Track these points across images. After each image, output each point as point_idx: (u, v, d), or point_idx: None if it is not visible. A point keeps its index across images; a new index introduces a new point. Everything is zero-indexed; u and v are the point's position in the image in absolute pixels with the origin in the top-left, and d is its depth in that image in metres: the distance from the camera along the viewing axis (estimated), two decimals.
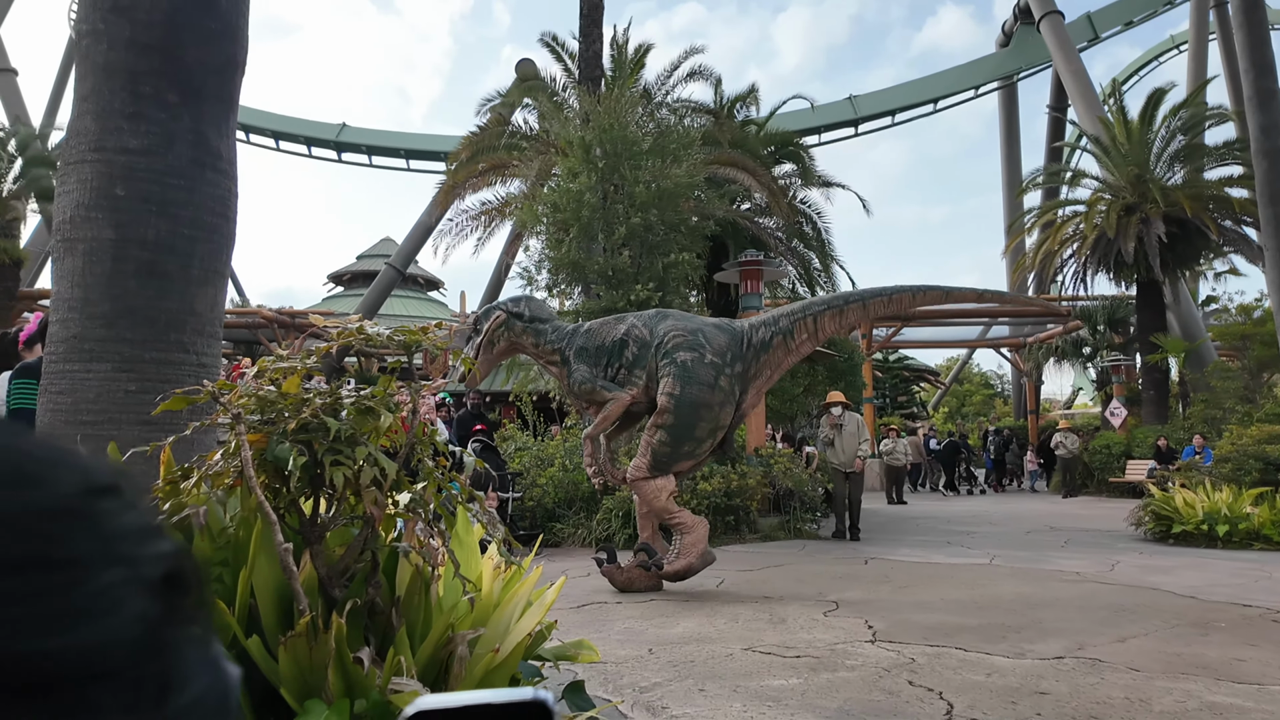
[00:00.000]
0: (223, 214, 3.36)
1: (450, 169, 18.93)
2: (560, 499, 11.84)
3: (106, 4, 3.19)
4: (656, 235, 13.85)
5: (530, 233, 15.51)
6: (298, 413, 2.18)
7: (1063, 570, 8.52)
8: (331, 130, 40.37)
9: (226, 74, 3.41)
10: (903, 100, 36.86)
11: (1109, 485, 19.73)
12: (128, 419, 3.04)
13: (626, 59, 16.51)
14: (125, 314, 3.10)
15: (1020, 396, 34.36)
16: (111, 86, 3.18)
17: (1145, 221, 19.74)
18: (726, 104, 18.46)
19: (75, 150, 3.20)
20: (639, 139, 14.10)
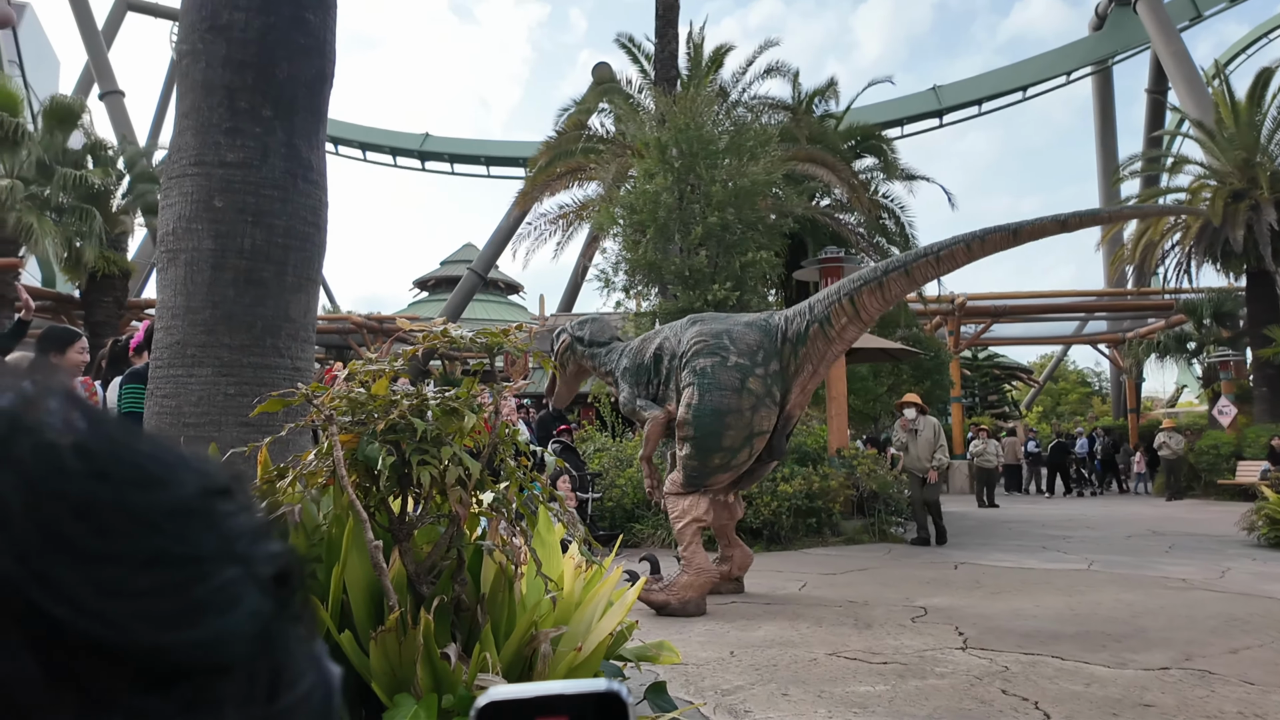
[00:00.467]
0: (314, 223, 3.50)
1: (529, 174, 19.22)
2: (639, 500, 11.88)
3: (204, 24, 3.36)
4: (733, 234, 13.75)
5: (607, 235, 15.63)
6: (386, 414, 2.25)
7: (1168, 577, 8.10)
8: (415, 140, 41.52)
9: (316, 87, 3.54)
10: (989, 89, 35.66)
11: (1217, 487, 18.67)
12: (228, 420, 3.20)
13: (703, 58, 16.47)
14: (224, 320, 3.26)
15: (1119, 395, 32.84)
16: (210, 103, 3.34)
17: (1255, 209, 18.63)
18: (804, 99, 18.20)
19: (177, 165, 3.38)
20: (715, 138, 14.05)
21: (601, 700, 0.37)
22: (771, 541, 10.75)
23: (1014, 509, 17.78)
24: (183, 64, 3.41)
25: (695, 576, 6.75)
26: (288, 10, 3.41)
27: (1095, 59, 35.13)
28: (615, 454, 13.20)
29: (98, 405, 2.65)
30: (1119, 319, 28.82)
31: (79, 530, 0.26)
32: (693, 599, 6.72)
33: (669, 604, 6.69)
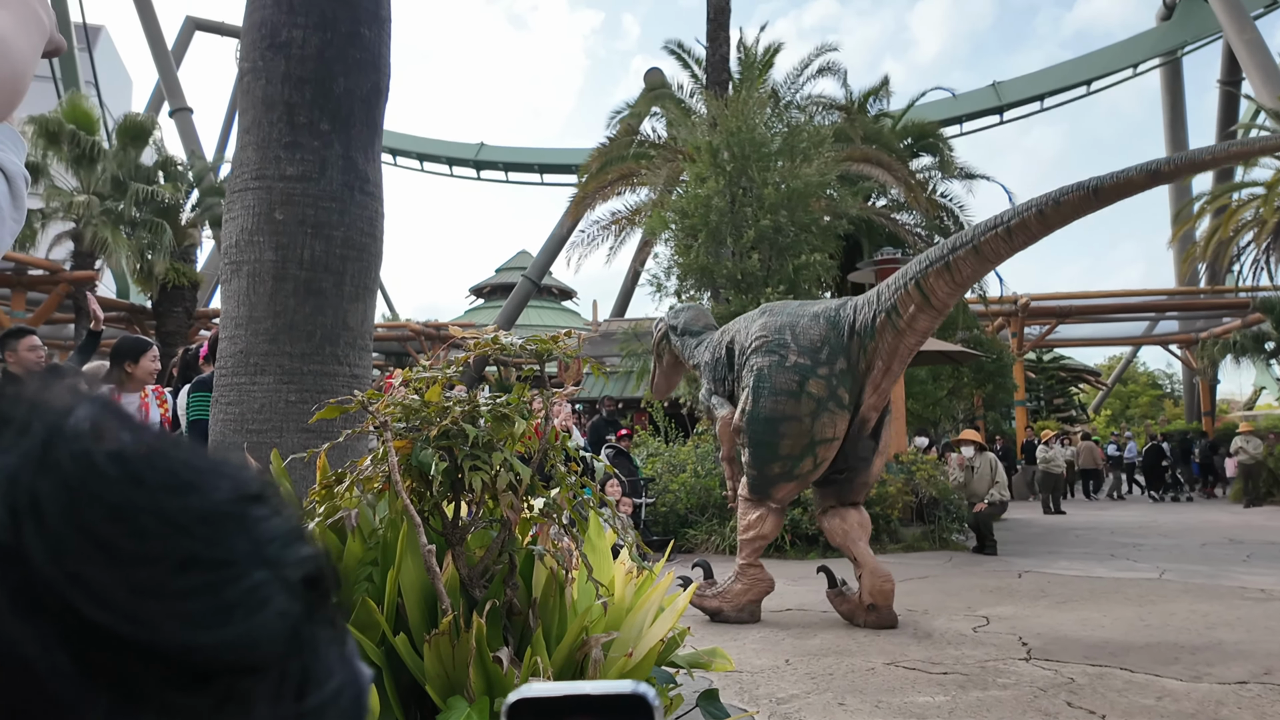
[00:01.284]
0: (371, 233, 3.59)
1: (581, 180, 19.37)
2: (693, 505, 11.86)
3: (265, 42, 3.48)
4: (786, 237, 13.66)
5: (659, 239, 15.66)
6: (439, 420, 2.30)
7: (1246, 587, 7.77)
8: (471, 150, 42.18)
9: (373, 101, 3.64)
10: (1052, 84, 34.73)
11: None
12: (289, 426, 3.29)
13: (755, 60, 16.39)
14: (286, 329, 3.36)
15: (1193, 397, 31.67)
16: (270, 118, 3.45)
17: None
18: (858, 99, 18.01)
19: (239, 179, 3.50)
20: (767, 140, 13.98)
21: (629, 702, 0.37)
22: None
23: (1081, 515, 17.25)
24: (244, 81, 3.53)
25: (750, 584, 6.53)
26: (344, 26, 3.50)
27: (1164, 50, 33.97)
28: (668, 459, 13.20)
29: (168, 413, 2.76)
30: (1191, 319, 27.78)
31: (115, 533, 0.27)
32: (746, 605, 6.51)
33: (722, 610, 6.51)
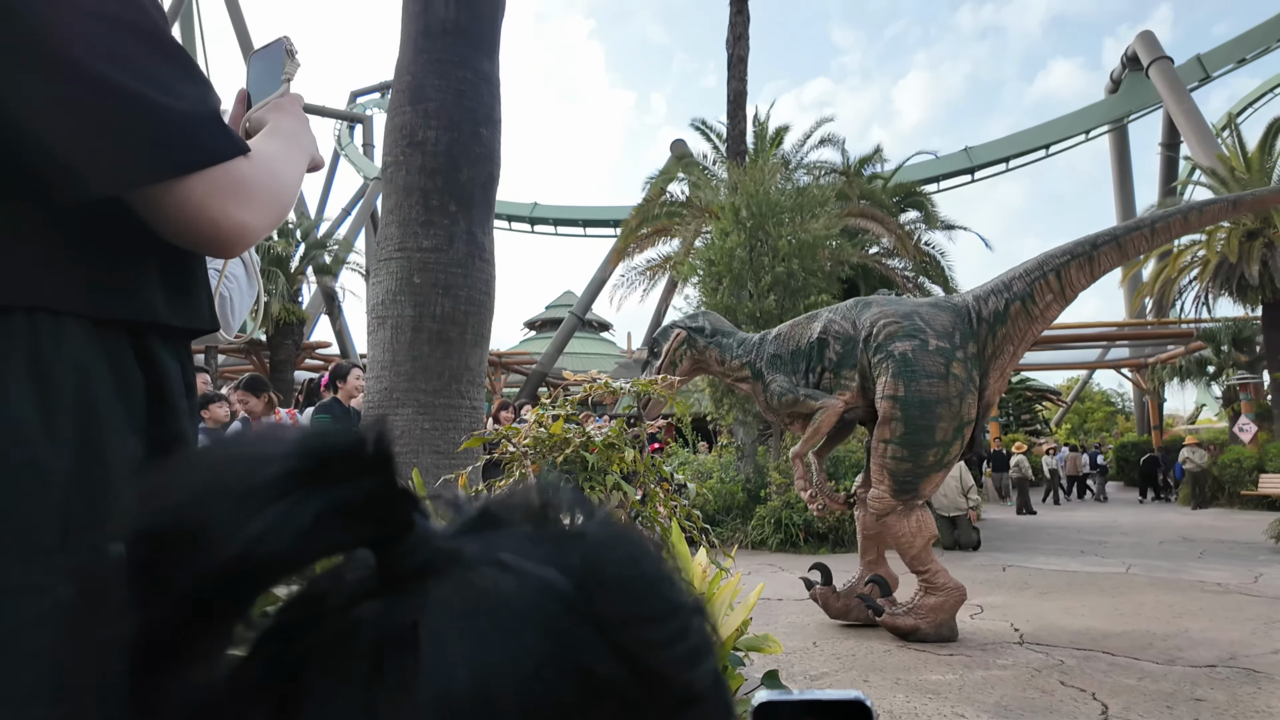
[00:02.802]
0: (486, 293, 3.73)
1: (621, 234, 19.59)
2: (719, 507, 11.86)
3: (405, 141, 3.65)
4: (797, 281, 13.69)
5: (687, 283, 15.76)
6: (563, 450, 2.40)
7: (1204, 581, 7.62)
8: (526, 209, 42.78)
9: (489, 186, 3.80)
10: (1015, 148, 34.57)
11: (1241, 498, 17.42)
12: (425, 450, 3.42)
13: (767, 135, 16.56)
14: (421, 371, 3.50)
15: (1143, 414, 31.06)
16: (409, 202, 3.62)
17: (1269, 246, 17.51)
18: (854, 164, 18.08)
19: (385, 250, 3.66)
20: (780, 200, 14.07)
21: (853, 707, 0.39)
22: (837, 544, 10.58)
23: (1050, 516, 16.95)
24: (387, 171, 3.71)
25: (944, 596, 5.31)
26: (468, 128, 3.67)
27: (1112, 118, 33.72)
28: (696, 467, 13.23)
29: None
30: (1141, 346, 27.35)
31: (643, 607, 0.32)
32: (944, 620, 5.32)
33: (918, 628, 5.29)
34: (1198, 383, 25.18)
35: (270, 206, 0.88)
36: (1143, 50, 29.42)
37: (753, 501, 11.76)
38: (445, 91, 3.67)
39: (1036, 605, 6.51)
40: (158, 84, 0.75)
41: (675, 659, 0.32)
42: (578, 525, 0.35)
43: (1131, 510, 18.74)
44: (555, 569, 0.31)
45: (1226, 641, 5.10)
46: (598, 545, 0.33)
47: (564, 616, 0.30)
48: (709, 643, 0.35)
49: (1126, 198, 35.22)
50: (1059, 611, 6.20)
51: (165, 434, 0.84)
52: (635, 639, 0.31)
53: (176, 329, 0.89)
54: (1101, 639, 5.23)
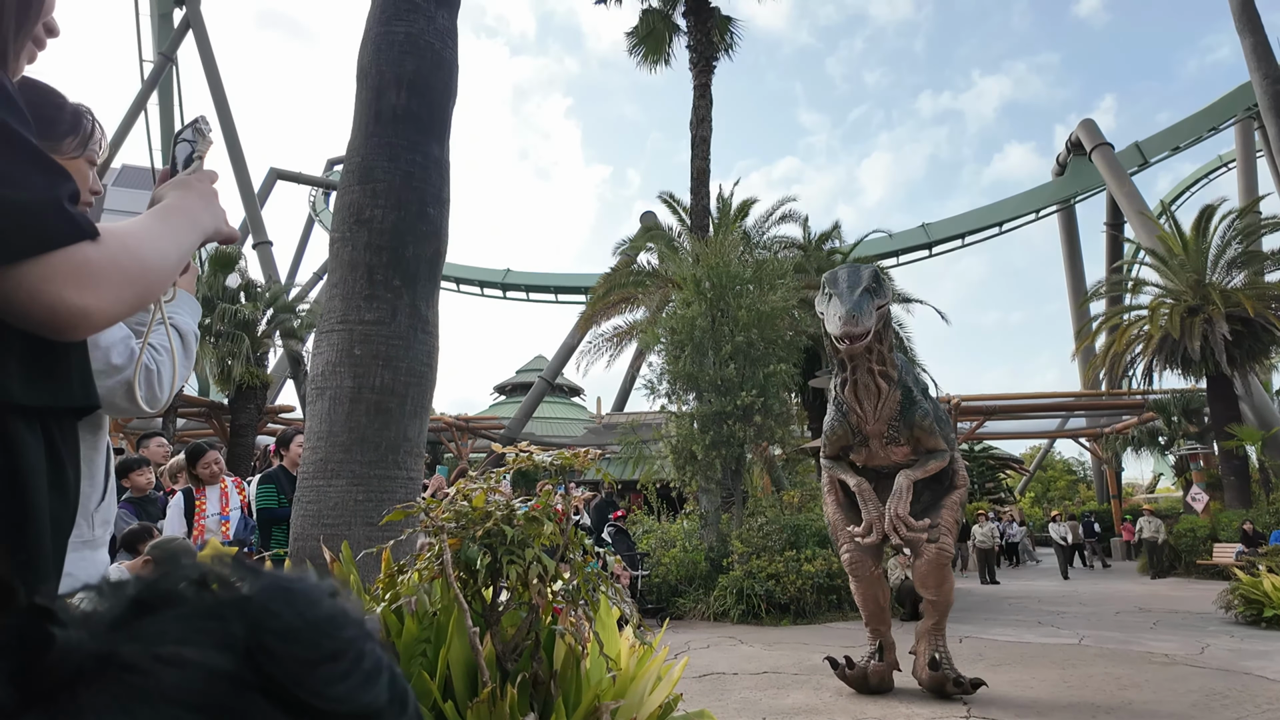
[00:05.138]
0: (428, 364, 3.79)
1: (589, 300, 19.86)
2: (682, 576, 11.71)
3: (352, 219, 3.77)
4: (757, 350, 13.94)
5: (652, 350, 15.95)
6: (484, 523, 2.43)
7: (1153, 652, 7.67)
8: (499, 275, 43.23)
9: (434, 262, 3.91)
10: (970, 225, 36.06)
11: (1196, 567, 17.64)
12: (357, 522, 3.40)
13: (731, 210, 17.11)
14: (358, 442, 3.51)
15: (1102, 482, 31.57)
16: (354, 276, 3.71)
17: (1209, 322, 18.27)
18: (814, 240, 18.69)
19: (326, 323, 3.72)
20: (741, 273, 14.45)
21: None
22: (798, 616, 10.46)
23: (1013, 585, 16.96)
24: (334, 247, 3.81)
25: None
26: (415, 207, 3.81)
27: (1060, 199, 35.44)
28: (660, 535, 13.10)
29: (246, 499, 2.90)
30: (1096, 416, 28.03)
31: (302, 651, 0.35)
32: None
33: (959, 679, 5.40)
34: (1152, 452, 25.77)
35: (122, 288, 0.89)
36: (1085, 137, 31.19)
37: (715, 571, 11.64)
38: (394, 173, 3.82)
39: (988, 677, 6.48)
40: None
41: (349, 690, 0.35)
42: (241, 588, 0.37)
43: (1092, 579, 18.84)
44: (217, 646, 0.34)
45: (1166, 714, 5.13)
46: (261, 607, 0.36)
47: (229, 694, 0.33)
48: (380, 662, 0.38)
49: (1076, 273, 36.70)
50: (1009, 684, 6.19)
51: (14, 510, 0.86)
52: (306, 687, 0.33)
53: (43, 408, 0.92)
54: (1047, 712, 5.23)
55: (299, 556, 3.32)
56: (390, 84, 3.95)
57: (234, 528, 5.31)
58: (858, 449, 5.36)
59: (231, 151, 32.13)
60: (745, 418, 12.95)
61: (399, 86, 3.92)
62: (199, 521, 5.17)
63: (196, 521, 5.17)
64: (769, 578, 10.61)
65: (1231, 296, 18.27)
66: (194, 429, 25.36)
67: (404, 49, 4.03)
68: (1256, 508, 17.72)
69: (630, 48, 18.27)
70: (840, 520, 5.67)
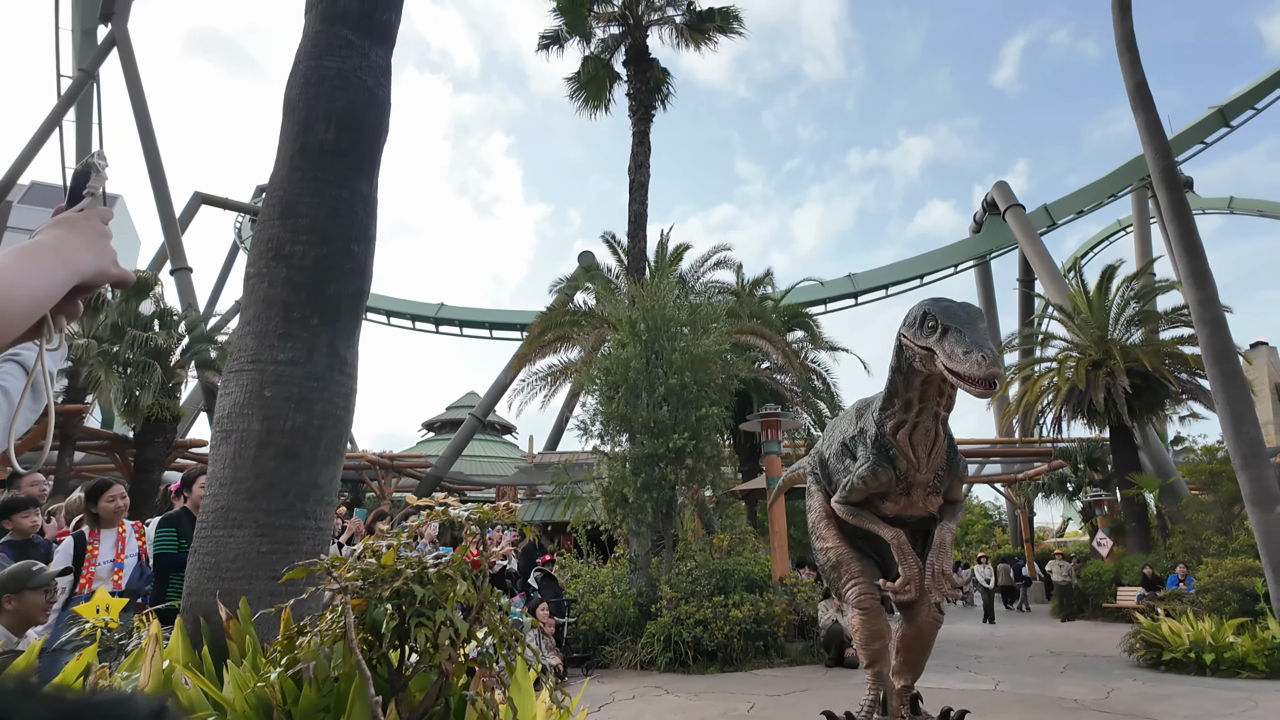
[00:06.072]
0: (345, 407, 3.63)
1: (525, 339, 19.69)
2: (609, 623, 11.48)
3: (270, 254, 3.62)
4: (690, 393, 14.02)
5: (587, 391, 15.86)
6: (392, 582, 2.30)
7: (1063, 697, 7.90)
8: (432, 309, 42.49)
9: (356, 300, 3.77)
10: (894, 277, 37.67)
11: (1103, 610, 18.41)
12: (259, 575, 3.18)
13: (667, 254, 17.37)
14: (265, 489, 3.30)
15: (1016, 526, 32.83)
16: (269, 314, 3.54)
17: (1111, 375, 19.44)
18: (747, 286, 19.11)
19: (236, 362, 3.53)
20: (676, 316, 14.60)
21: None
22: (725, 663, 10.36)
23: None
24: (250, 283, 3.64)
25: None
26: (339, 244, 3.68)
27: (976, 255, 37.45)
28: (589, 580, 12.85)
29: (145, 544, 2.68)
30: (1010, 463, 29.26)
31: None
32: None
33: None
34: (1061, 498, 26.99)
35: None
36: (1000, 197, 33.17)
37: (644, 617, 11.45)
38: (319, 208, 3.69)
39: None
40: None
41: None
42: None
43: (1009, 622, 19.42)
44: None
45: None
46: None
47: None
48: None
49: (992, 325, 38.66)
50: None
51: None
52: None
53: None
54: None
55: (192, 613, 3.07)
56: (319, 118, 3.85)
57: (128, 576, 4.92)
58: (896, 498, 4.92)
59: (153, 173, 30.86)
60: (677, 460, 12.95)
61: (328, 121, 3.82)
62: (88, 569, 4.78)
63: (86, 569, 4.78)
64: (697, 624, 10.51)
65: (1131, 352, 19.50)
66: (94, 464, 23.72)
67: (335, 84, 3.95)
68: (1155, 552, 18.71)
69: (571, 92, 18.54)
70: (849, 556, 5.25)
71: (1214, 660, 9.28)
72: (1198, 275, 11.48)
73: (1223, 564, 11.49)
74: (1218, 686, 8.60)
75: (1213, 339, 11.14)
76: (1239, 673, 9.13)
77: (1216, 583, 10.99)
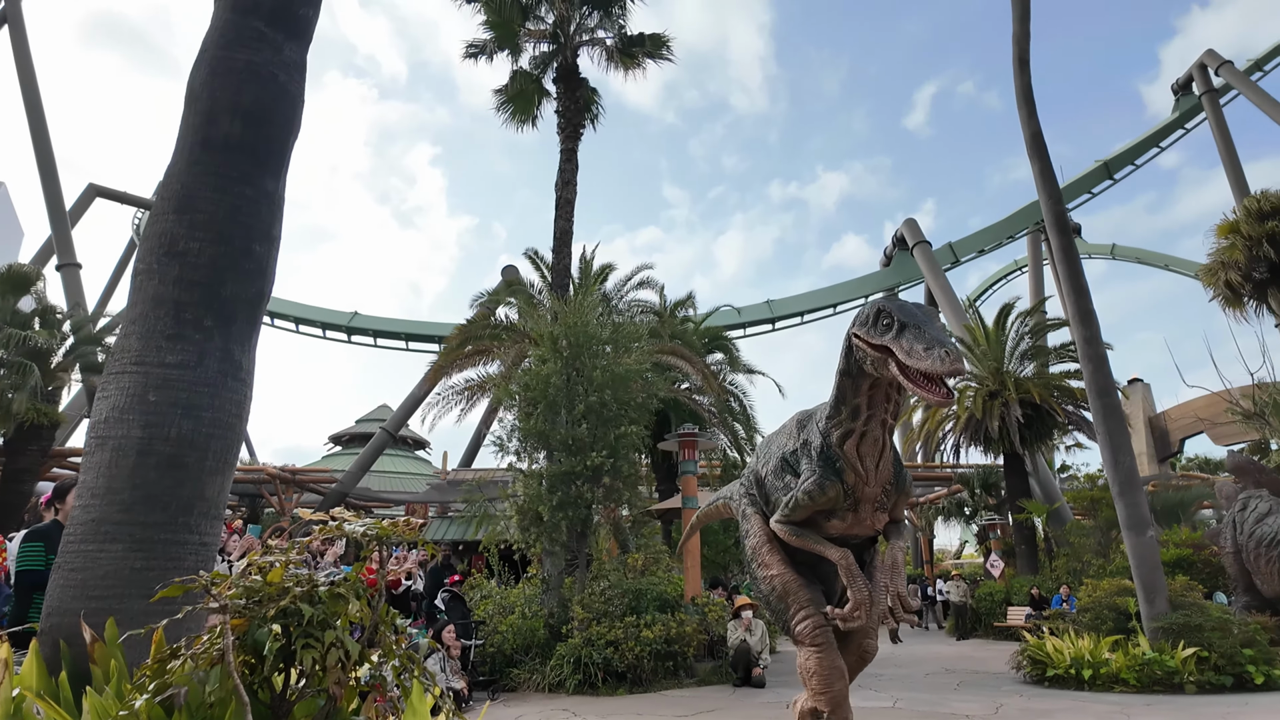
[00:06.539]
0: (238, 414, 3.42)
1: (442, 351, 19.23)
2: (519, 645, 11.23)
3: (162, 249, 3.40)
4: (610, 411, 14.00)
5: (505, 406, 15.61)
6: (279, 600, 2.17)
7: (955, 713, 8.23)
8: (345, 317, 40.99)
9: (255, 303, 3.58)
10: (809, 305, 39.00)
11: (995, 629, 19.36)
12: (132, 594, 2.94)
13: (591, 272, 17.39)
14: (143, 500, 3.07)
15: (916, 548, 34.20)
16: (158, 313, 3.31)
17: (1005, 406, 20.62)
18: (670, 307, 19.34)
19: (119, 363, 3.28)
20: (598, 334, 14.60)
21: None
22: (635, 684, 10.29)
23: None
24: (138, 279, 3.40)
25: None
26: (240, 243, 3.50)
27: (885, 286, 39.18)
28: (499, 601, 12.56)
29: (5, 560, 2.48)
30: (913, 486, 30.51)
31: None
32: None
33: None
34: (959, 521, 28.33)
35: None
36: (908, 234, 34.92)
37: (554, 638, 11.26)
38: (219, 204, 3.50)
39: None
40: None
41: None
42: None
43: (909, 641, 20.14)
44: None
45: None
46: None
47: None
48: None
49: None
50: None
51: None
52: None
53: None
54: None
55: (51, 635, 2.79)
56: (224, 111, 3.66)
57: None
58: (842, 515, 4.51)
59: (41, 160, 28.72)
60: (594, 479, 12.88)
61: (234, 115, 3.64)
62: None
63: None
64: (608, 645, 10.41)
65: (1023, 384, 20.77)
66: None
67: (244, 77, 3.77)
68: (1042, 574, 19.85)
69: (499, 105, 18.42)
70: (797, 584, 4.80)
71: (1091, 676, 9.88)
72: (1084, 314, 12.35)
73: (1101, 585, 12.28)
74: (1094, 701, 9.15)
75: (1096, 374, 11.99)
76: (1113, 687, 9.75)
77: (1095, 602, 11.73)
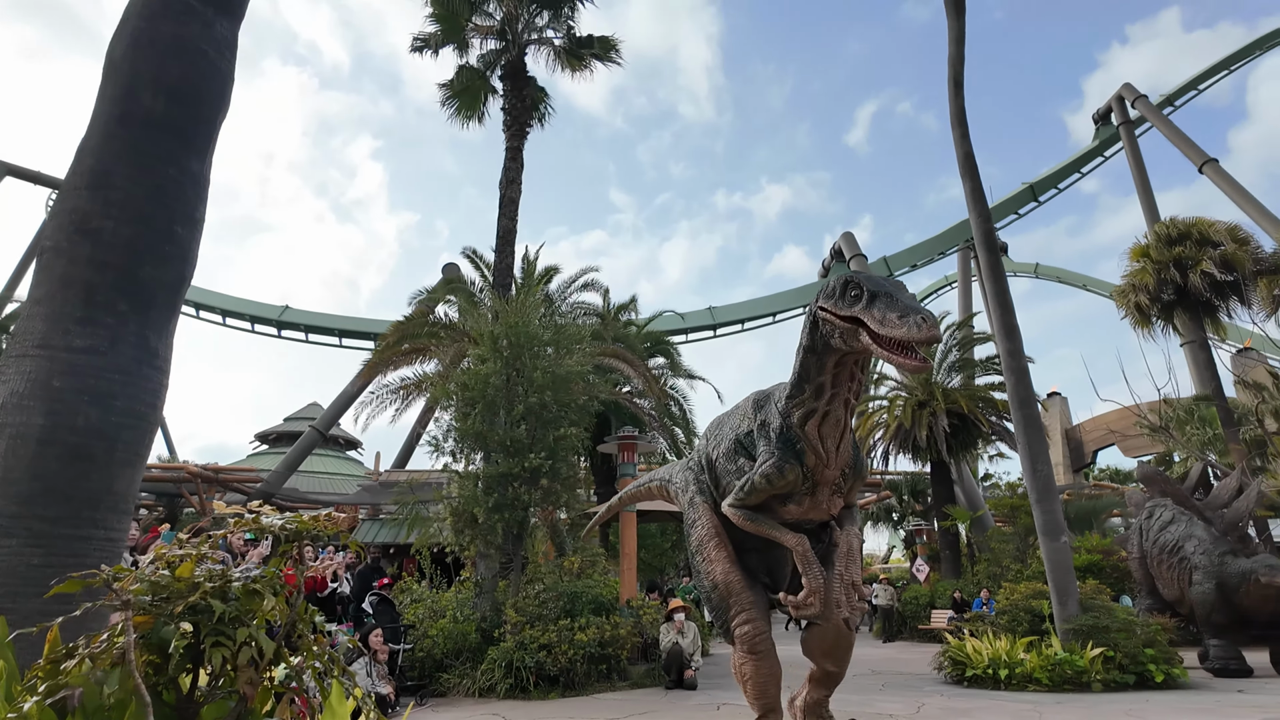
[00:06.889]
0: (152, 404, 3.25)
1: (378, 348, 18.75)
2: (449, 649, 11.01)
3: (73, 227, 3.20)
4: (550, 412, 13.89)
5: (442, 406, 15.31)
6: (187, 596, 2.06)
7: (880, 713, 8.44)
8: (275, 311, 39.57)
9: (175, 288, 3.41)
10: (750, 313, 39.63)
11: (919, 631, 19.99)
12: (28, 592, 2.75)
13: (534, 273, 17.24)
14: (43, 493, 2.88)
15: None
16: (66, 294, 3.12)
17: (933, 415, 21.37)
18: (613, 310, 19.35)
19: (20, 346, 3.07)
20: (539, 334, 14.48)
21: None
22: (567, 688, 10.22)
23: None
24: (44, 258, 3.19)
25: None
26: (160, 224, 3.32)
27: None
28: (430, 604, 12.30)
29: None
30: None
31: None
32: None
33: None
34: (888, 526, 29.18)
35: None
36: (846, 247, 35.87)
37: (486, 642, 11.08)
38: (140, 184, 3.32)
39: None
40: None
41: None
42: None
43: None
44: None
45: None
46: None
47: None
48: None
49: None
50: None
51: None
52: None
53: None
54: None
55: None
56: (147, 86, 3.48)
57: None
58: (800, 499, 4.29)
59: None
60: (532, 480, 12.75)
61: (157, 90, 3.46)
62: None
63: None
64: (541, 648, 10.30)
65: (951, 395, 21.55)
66: None
67: (170, 51, 3.59)
68: (965, 578, 20.62)
69: (444, 99, 18.12)
70: (740, 584, 4.61)
71: (1008, 676, 10.30)
72: (1008, 329, 12.90)
73: (1018, 588, 12.83)
74: (1010, 699, 9.53)
75: (1018, 386, 12.53)
76: (1028, 686, 10.18)
77: (1012, 605, 12.24)
